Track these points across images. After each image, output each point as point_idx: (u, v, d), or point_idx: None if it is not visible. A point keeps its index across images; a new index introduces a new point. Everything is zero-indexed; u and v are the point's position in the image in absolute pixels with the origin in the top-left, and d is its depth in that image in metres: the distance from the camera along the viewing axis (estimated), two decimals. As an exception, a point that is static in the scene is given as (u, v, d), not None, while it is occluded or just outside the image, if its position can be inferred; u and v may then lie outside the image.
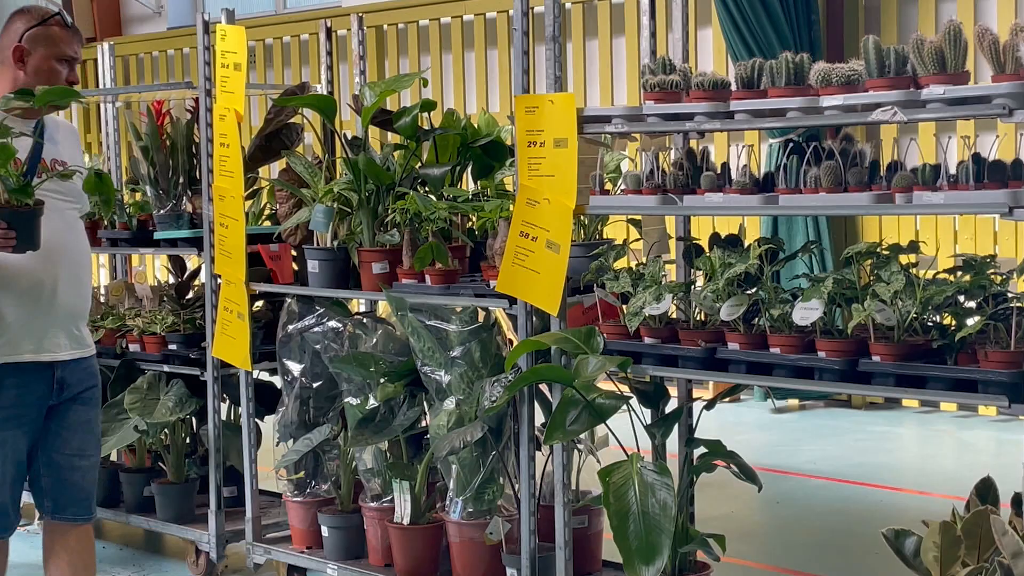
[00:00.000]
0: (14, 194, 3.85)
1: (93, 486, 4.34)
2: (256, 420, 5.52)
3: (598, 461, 4.36)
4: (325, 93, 5.79)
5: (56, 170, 4.10)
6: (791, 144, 3.98)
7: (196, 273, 6.15)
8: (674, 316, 4.25)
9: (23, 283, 4.06)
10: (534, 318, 4.40)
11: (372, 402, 4.87)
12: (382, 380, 4.79)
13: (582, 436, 4.58)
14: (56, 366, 4.17)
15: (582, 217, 4.55)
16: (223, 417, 5.68)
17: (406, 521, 4.82)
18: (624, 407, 4.11)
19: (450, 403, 4.62)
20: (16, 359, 4.09)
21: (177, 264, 6.30)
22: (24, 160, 4.00)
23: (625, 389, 4.32)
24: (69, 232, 4.20)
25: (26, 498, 6.31)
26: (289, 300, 5.31)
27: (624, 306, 4.22)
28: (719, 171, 4.05)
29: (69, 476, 4.27)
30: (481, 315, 4.76)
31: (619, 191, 4.41)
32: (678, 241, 4.60)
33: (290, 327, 5.25)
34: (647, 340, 4.12)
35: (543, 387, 4.54)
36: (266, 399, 5.73)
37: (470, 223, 5.07)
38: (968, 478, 4.06)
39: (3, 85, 4.15)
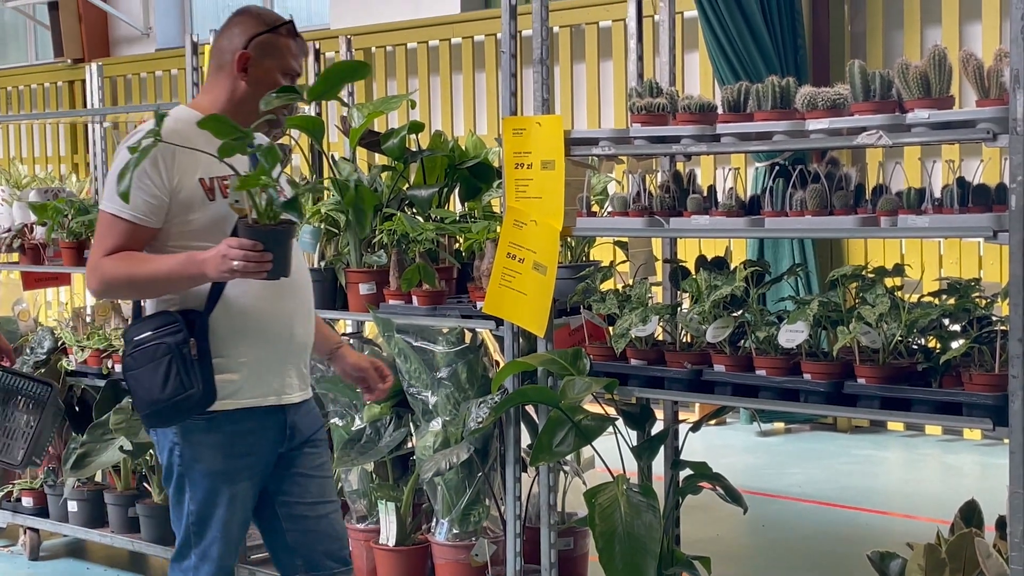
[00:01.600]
0: (284, 208, 3.27)
1: (345, 532, 3.80)
2: (242, 441, 5.51)
3: (584, 483, 4.36)
4: (313, 114, 5.80)
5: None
6: (777, 167, 3.99)
7: (183, 293, 6.14)
8: (660, 338, 4.26)
9: (259, 318, 3.51)
10: (521, 339, 4.40)
11: (358, 423, 4.87)
12: (368, 401, 4.79)
13: (568, 458, 4.58)
14: (288, 410, 3.61)
15: (569, 239, 4.56)
16: (209, 438, 5.65)
17: (392, 543, 4.81)
18: (610, 429, 4.11)
19: (436, 424, 4.62)
20: (249, 404, 3.53)
21: (164, 284, 6.29)
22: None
23: (611, 411, 4.33)
24: (296, 257, 3.57)
25: (8, 518, 6.30)
26: (276, 321, 5.30)
27: (610, 328, 4.23)
28: (705, 194, 4.07)
29: (317, 526, 3.67)
30: (468, 336, 4.76)
31: (606, 213, 4.43)
32: (664, 263, 4.61)
33: (277, 348, 5.24)
34: (633, 362, 4.13)
35: (529, 408, 4.55)
36: (252, 420, 5.71)
37: (457, 244, 5.08)
38: (953, 501, 4.07)
39: (218, 94, 3.55)
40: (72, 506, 5.99)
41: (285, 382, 3.59)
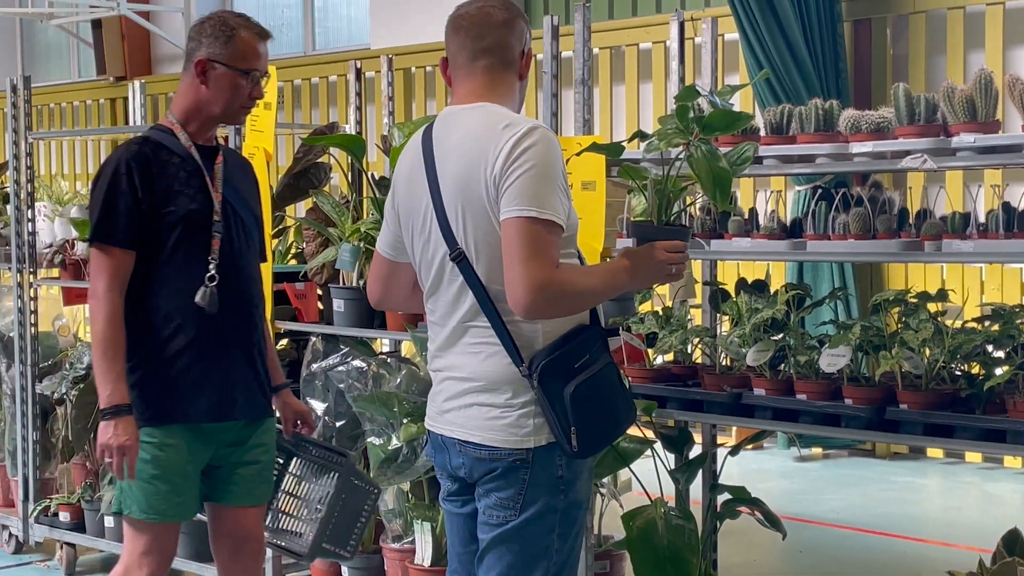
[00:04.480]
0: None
1: None
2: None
3: (621, 506, 4.33)
4: (353, 133, 5.81)
5: None
6: (819, 191, 3.97)
7: (221, 310, 6.15)
8: (699, 361, 4.23)
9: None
10: (559, 361, 4.37)
11: (395, 442, 4.85)
12: (405, 420, 4.78)
13: (605, 480, 4.56)
14: None
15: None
16: (245, 455, 5.66)
17: (427, 563, 4.79)
18: (648, 451, 4.09)
19: (473, 445, 4.60)
20: None
21: (203, 301, 6.30)
22: None
23: (649, 433, 4.30)
24: None
25: (46, 532, 6.31)
26: (314, 339, 5.31)
27: (649, 350, 4.21)
28: (747, 216, 4.05)
29: None
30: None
31: (646, 235, 4.41)
32: (704, 286, 4.59)
33: (314, 366, 5.24)
34: (672, 384, 4.11)
35: (567, 430, 4.51)
36: (289, 438, 5.71)
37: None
38: (993, 530, 4.02)
39: (506, 94, 3.09)
40: (109, 521, 6.00)
41: None
